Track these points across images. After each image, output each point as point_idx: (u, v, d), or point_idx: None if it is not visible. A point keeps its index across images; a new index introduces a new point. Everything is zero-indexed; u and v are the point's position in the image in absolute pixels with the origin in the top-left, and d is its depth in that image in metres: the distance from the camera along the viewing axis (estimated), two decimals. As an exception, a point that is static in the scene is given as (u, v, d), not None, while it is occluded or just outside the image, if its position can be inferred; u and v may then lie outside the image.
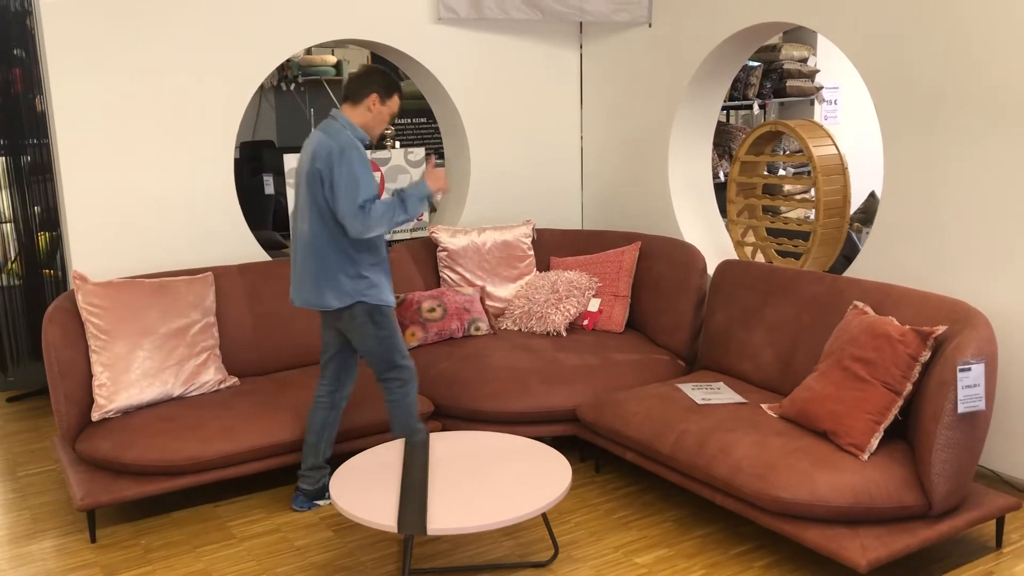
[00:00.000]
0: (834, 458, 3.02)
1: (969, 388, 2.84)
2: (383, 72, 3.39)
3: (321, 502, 3.63)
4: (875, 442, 3.03)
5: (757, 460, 3.07)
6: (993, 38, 3.41)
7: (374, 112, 3.34)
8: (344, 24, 4.57)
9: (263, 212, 7.83)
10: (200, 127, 4.28)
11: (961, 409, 2.84)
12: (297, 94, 10.80)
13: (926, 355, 3.03)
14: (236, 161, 10.34)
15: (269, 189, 7.69)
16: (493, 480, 3.01)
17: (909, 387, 3.04)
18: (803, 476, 2.95)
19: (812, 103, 6.75)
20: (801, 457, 3.04)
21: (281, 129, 11.37)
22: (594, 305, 4.53)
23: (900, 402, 3.05)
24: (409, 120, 9.10)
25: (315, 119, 10.30)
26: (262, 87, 10.86)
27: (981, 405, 2.87)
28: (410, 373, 3.48)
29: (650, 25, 4.86)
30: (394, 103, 3.38)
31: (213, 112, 4.30)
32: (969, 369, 2.84)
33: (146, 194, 4.19)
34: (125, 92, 4.08)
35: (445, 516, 2.77)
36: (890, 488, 2.92)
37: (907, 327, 3.11)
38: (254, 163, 9.94)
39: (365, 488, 2.98)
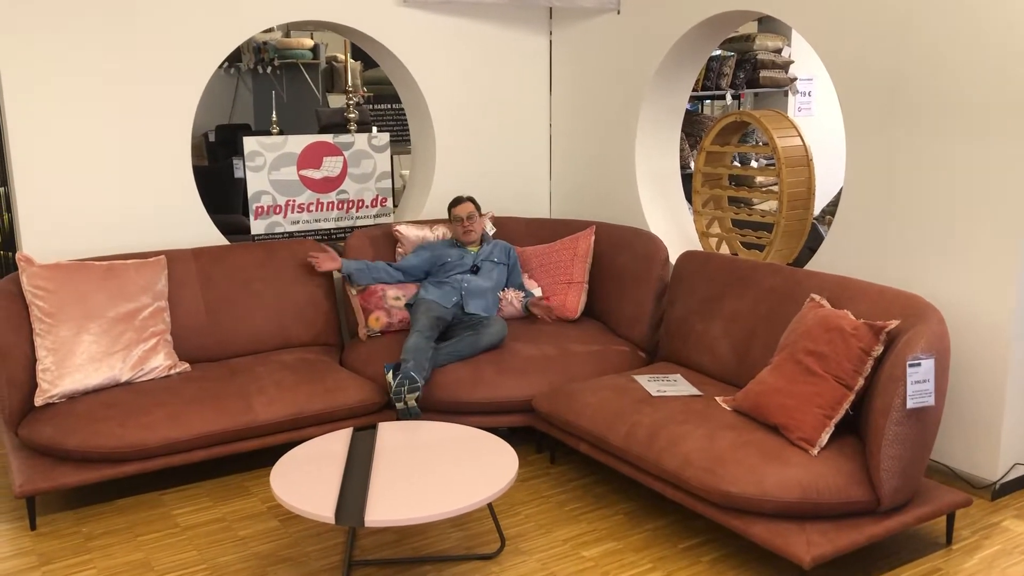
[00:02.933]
0: (784, 453, 2.98)
1: (918, 384, 2.81)
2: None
3: (389, 374, 3.73)
4: (825, 437, 2.99)
5: (706, 453, 3.03)
6: (954, 31, 3.37)
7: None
8: (308, 5, 4.49)
9: (234, 195, 7.73)
10: (157, 107, 4.19)
11: (910, 404, 2.80)
12: (274, 77, 10.68)
13: (878, 349, 2.99)
14: (211, 144, 10.22)
15: (239, 172, 7.59)
16: (438, 471, 2.96)
17: (861, 381, 3.01)
18: (751, 470, 2.91)
19: (786, 94, 6.71)
20: (751, 451, 3.00)
21: (258, 112, 11.24)
22: (538, 294, 4.48)
23: (851, 397, 3.01)
24: (389, 105, 9.02)
25: (278, 103, 10.20)
26: (239, 70, 10.76)
27: (930, 401, 2.83)
28: (410, 341, 3.87)
29: (619, 12, 4.80)
30: (454, 212, 4.46)
31: (171, 91, 4.21)
32: (919, 364, 2.80)
33: (101, 175, 4.10)
34: (78, 69, 3.98)
35: (386, 507, 2.71)
36: (839, 483, 2.88)
37: (860, 321, 3.07)
38: (229, 146, 9.83)
39: (308, 478, 2.92)
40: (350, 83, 5.54)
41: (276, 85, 10.75)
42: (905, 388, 2.80)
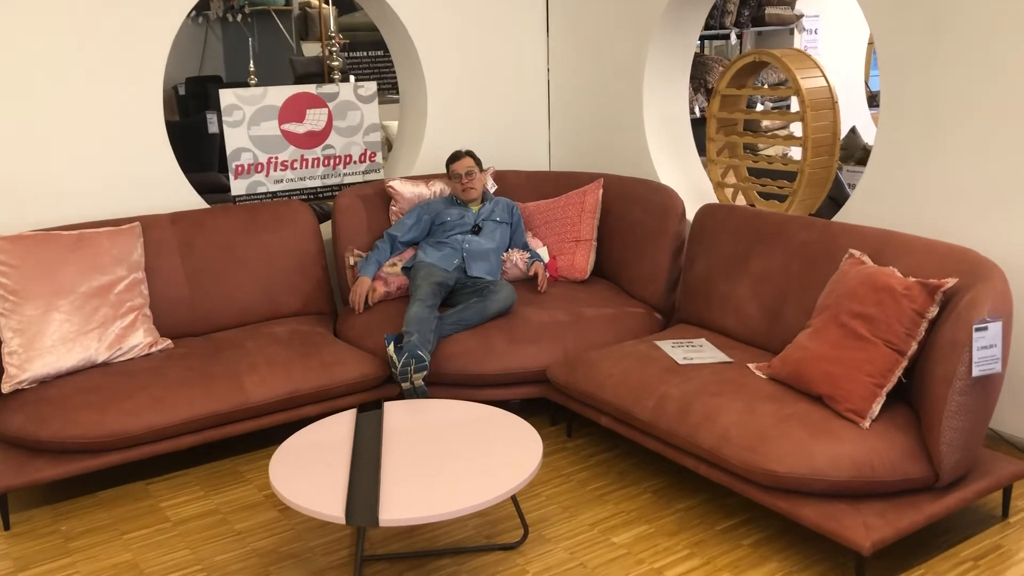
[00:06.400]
0: (832, 426, 2.73)
1: (985, 349, 2.55)
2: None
3: (391, 347, 3.41)
4: (877, 408, 2.74)
5: (747, 429, 2.77)
6: (1009, -46, 3.05)
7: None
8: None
9: (208, 152, 7.31)
10: (123, 57, 3.80)
11: (976, 372, 2.54)
12: (244, 25, 10.17)
13: (933, 311, 2.73)
14: (180, 97, 9.73)
15: (213, 128, 7.17)
16: (455, 459, 2.67)
17: (914, 346, 2.75)
18: (798, 447, 2.66)
19: (792, 32, 6.37)
20: (795, 425, 2.74)
21: (230, 63, 10.74)
22: (544, 254, 4.18)
23: (904, 363, 2.75)
24: (365, 53, 8.59)
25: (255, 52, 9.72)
26: (207, 19, 10.24)
27: (997, 368, 2.58)
28: (411, 310, 3.55)
29: (622, -56, 4.42)
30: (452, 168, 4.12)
31: (138, 41, 3.82)
32: (986, 328, 2.54)
33: (63, 136, 3.72)
34: (39, 26, 3.58)
35: (400, 504, 2.43)
36: (893, 458, 2.64)
37: (912, 279, 2.80)
38: (199, 100, 9.36)
39: (311, 470, 2.63)
40: (332, 28, 5.13)
41: (247, 33, 10.25)
42: (970, 355, 2.54)
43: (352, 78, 8.68)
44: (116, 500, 3.23)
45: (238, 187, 4.34)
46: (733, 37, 5.98)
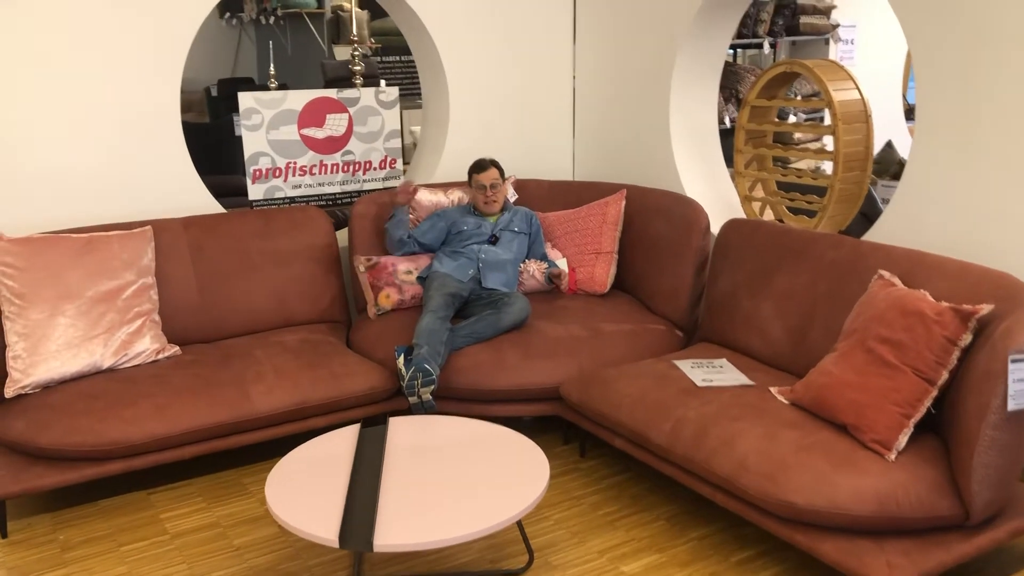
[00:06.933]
0: (855, 457, 2.59)
1: (1021, 382, 2.39)
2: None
3: (400, 359, 3.31)
4: (904, 439, 2.59)
5: (766, 456, 2.64)
6: (1055, -37, 2.89)
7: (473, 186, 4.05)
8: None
9: (234, 155, 7.27)
10: (142, 58, 3.75)
11: (1011, 406, 2.39)
12: (277, 28, 10.17)
13: (966, 338, 2.58)
14: (212, 99, 9.74)
15: (240, 130, 7.14)
16: (458, 480, 2.57)
17: (945, 375, 2.60)
18: (819, 478, 2.52)
19: (827, 42, 6.20)
20: (817, 455, 2.60)
21: (262, 65, 10.74)
22: (563, 266, 4.06)
23: (934, 392, 2.61)
24: (398, 58, 8.54)
25: (282, 56, 9.71)
26: (241, 20, 10.25)
27: (1034, 401, 2.42)
28: (423, 322, 3.46)
29: (652, -50, 4.30)
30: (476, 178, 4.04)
31: (156, 42, 3.76)
32: (1023, 360, 2.39)
33: (79, 136, 3.67)
34: (52, 14, 3.54)
35: (398, 528, 2.34)
36: (920, 494, 2.49)
37: (944, 304, 2.65)
38: (231, 102, 9.36)
39: (308, 489, 2.54)
40: (355, 32, 5.06)
41: (280, 36, 10.25)
42: (1005, 386, 2.39)
43: (383, 82, 8.64)
44: (117, 509, 3.16)
45: (255, 192, 4.28)
46: (766, 46, 5.83)
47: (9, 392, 3.14)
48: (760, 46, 5.86)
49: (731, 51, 6.40)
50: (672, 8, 4.21)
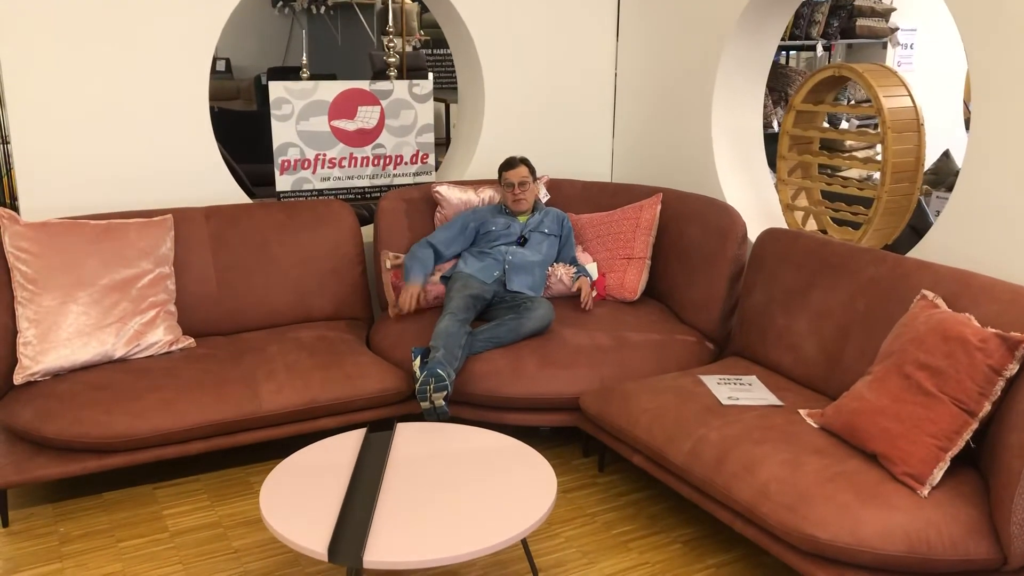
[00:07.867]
0: (885, 491, 2.41)
1: (1070, 420, 2.20)
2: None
3: (416, 361, 3.22)
4: (939, 474, 2.42)
5: (788, 485, 2.48)
6: None
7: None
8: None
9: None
10: (169, 40, 3.69)
11: (1057, 446, 2.20)
12: (328, 18, 10.16)
13: (1013, 368, 2.39)
14: (261, 87, 9.78)
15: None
16: (460, 494, 2.45)
17: (987, 407, 2.41)
18: (844, 512, 2.36)
19: (885, 46, 5.95)
20: (843, 486, 2.43)
21: (312, 54, 10.74)
22: (593, 270, 3.91)
23: (974, 425, 2.42)
24: (447, 51, 8.46)
25: (332, 46, 9.66)
26: (293, 9, 10.25)
27: (1084, 441, 2.23)
28: (441, 324, 3.37)
29: (699, -55, 4.13)
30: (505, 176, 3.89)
31: (185, 29, 3.70)
32: (1072, 396, 2.19)
33: (106, 123, 3.63)
34: (79, 6, 3.49)
35: (391, 543, 2.23)
36: (954, 534, 2.31)
37: (990, 330, 2.46)
38: (279, 90, 9.36)
39: (303, 497, 2.44)
40: (391, 24, 4.97)
41: (331, 26, 10.23)
42: (1052, 425, 2.20)
43: (431, 75, 8.55)
44: (120, 503, 3.11)
45: (283, 183, 4.20)
46: (820, 49, 5.60)
47: (18, 379, 3.10)
48: (814, 48, 5.63)
49: (783, 53, 6.18)
50: (718, 6, 4.04)
